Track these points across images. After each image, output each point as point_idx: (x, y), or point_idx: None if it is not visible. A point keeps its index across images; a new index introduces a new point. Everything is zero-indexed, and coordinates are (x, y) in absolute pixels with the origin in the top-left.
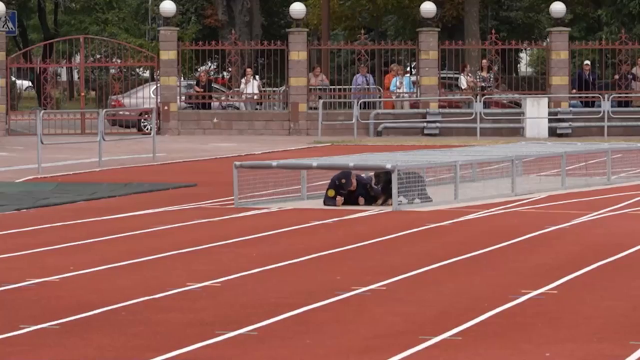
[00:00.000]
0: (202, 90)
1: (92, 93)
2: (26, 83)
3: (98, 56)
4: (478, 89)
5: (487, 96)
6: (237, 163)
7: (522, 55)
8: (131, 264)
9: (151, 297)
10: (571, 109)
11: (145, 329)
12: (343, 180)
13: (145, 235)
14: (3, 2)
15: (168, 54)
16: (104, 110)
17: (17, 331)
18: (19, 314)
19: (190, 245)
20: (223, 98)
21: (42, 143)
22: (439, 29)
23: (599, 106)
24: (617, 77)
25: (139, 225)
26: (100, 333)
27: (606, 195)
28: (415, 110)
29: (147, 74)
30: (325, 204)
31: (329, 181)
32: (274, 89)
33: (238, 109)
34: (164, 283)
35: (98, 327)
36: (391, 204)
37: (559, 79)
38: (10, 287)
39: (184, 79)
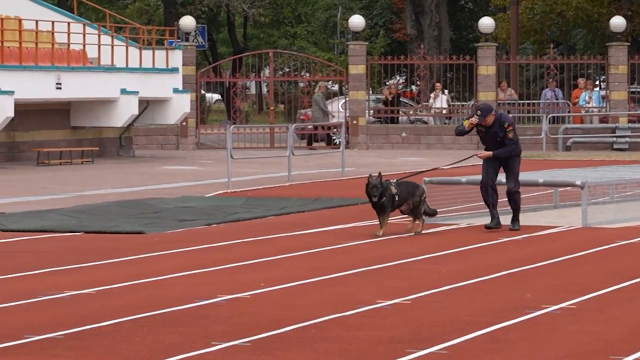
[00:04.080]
0: (390, 104)
1: (281, 106)
2: (215, 96)
3: (287, 70)
4: None
5: None
6: (427, 179)
7: None
8: (321, 281)
9: (341, 314)
10: None
11: (335, 347)
12: (478, 112)
13: (335, 251)
14: (193, 16)
15: (357, 68)
16: (294, 124)
17: (208, 348)
18: (210, 330)
19: (380, 261)
20: (411, 112)
21: (232, 157)
22: (629, 43)
23: None
24: None
25: (329, 241)
26: (291, 350)
27: None
28: (605, 125)
29: (335, 88)
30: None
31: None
32: (463, 103)
33: (426, 123)
34: (353, 300)
35: (289, 344)
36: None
37: None
38: (202, 303)
39: (373, 93)
